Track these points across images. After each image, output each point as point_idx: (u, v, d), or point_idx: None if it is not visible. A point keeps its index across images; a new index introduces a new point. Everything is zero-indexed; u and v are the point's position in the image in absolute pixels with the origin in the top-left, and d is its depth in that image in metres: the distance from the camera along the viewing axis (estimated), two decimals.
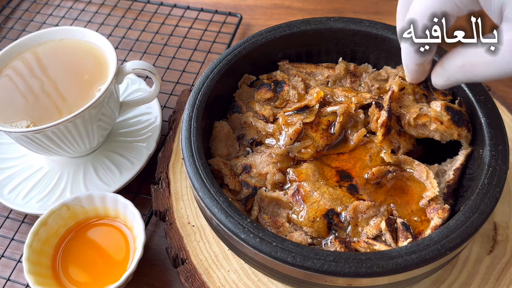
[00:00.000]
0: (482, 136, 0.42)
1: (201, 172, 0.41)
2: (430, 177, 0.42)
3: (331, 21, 0.51)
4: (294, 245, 0.36)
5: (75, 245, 0.52)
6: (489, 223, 0.50)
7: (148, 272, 0.52)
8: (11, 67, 0.57)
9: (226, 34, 0.77)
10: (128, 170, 0.58)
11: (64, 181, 0.58)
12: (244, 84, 0.52)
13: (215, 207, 0.39)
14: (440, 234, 0.37)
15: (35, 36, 0.58)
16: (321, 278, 0.36)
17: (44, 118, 0.52)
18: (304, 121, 0.46)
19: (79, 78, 0.56)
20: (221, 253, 0.49)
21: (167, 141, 0.59)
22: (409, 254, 0.35)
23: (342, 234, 0.42)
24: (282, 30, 0.51)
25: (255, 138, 0.48)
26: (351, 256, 0.35)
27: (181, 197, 0.54)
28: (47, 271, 0.49)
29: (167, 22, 0.80)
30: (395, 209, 0.42)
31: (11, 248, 0.56)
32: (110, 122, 0.57)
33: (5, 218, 0.58)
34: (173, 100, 0.68)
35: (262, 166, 0.45)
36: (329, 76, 0.51)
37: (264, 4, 0.83)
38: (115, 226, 0.53)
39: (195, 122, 0.44)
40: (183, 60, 0.74)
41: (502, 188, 0.39)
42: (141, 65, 0.56)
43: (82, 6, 0.84)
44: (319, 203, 0.42)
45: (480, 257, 0.48)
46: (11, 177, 0.59)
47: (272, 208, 0.44)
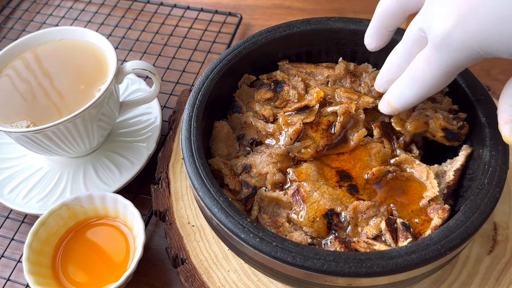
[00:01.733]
0: (482, 136, 0.42)
1: (201, 172, 0.41)
2: (430, 177, 0.42)
3: (331, 21, 0.51)
4: (294, 245, 0.36)
5: (75, 245, 0.52)
6: (489, 223, 0.50)
7: (148, 272, 0.53)
8: (11, 67, 0.57)
9: (226, 34, 0.77)
10: (128, 170, 0.58)
11: (64, 181, 0.58)
12: (244, 84, 0.52)
13: (215, 207, 0.39)
14: (440, 234, 0.37)
15: (35, 36, 0.58)
16: (321, 278, 0.36)
17: (44, 118, 0.52)
18: (304, 121, 0.46)
19: (79, 78, 0.56)
20: (221, 253, 0.49)
21: (167, 141, 0.59)
22: (409, 254, 0.35)
23: (342, 234, 0.42)
24: (282, 30, 0.51)
25: (255, 138, 0.48)
26: (351, 256, 0.35)
27: (181, 197, 0.54)
28: (47, 271, 0.49)
29: (167, 22, 0.80)
30: (395, 209, 0.42)
31: (11, 248, 0.56)
32: (110, 122, 0.57)
33: (5, 218, 0.58)
34: (173, 100, 0.68)
35: (262, 166, 0.45)
36: (329, 76, 0.51)
37: (264, 4, 0.83)
38: (115, 226, 0.53)
39: (195, 122, 0.44)
40: (183, 60, 0.74)
41: (502, 188, 0.39)
42: (141, 65, 0.56)
43: (82, 6, 0.84)
44: (319, 203, 0.42)
45: (480, 257, 0.48)
46: (11, 177, 0.59)
47: (272, 208, 0.44)
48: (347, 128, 0.47)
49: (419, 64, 0.38)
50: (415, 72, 0.38)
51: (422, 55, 0.38)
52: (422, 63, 0.37)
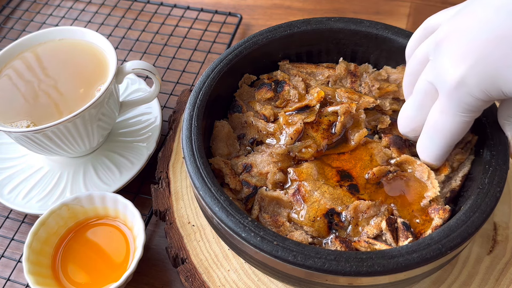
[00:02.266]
0: (482, 136, 0.42)
1: (202, 171, 0.41)
2: (431, 177, 0.42)
3: (332, 21, 0.51)
4: (295, 244, 0.36)
5: (75, 245, 0.52)
6: (489, 223, 0.50)
7: (148, 272, 0.52)
8: (11, 67, 0.57)
9: (226, 34, 0.77)
10: (128, 170, 0.58)
11: (64, 181, 0.58)
12: (244, 84, 0.52)
13: (216, 206, 0.39)
14: (440, 233, 0.37)
15: (35, 36, 0.58)
16: (322, 277, 0.36)
17: (44, 118, 0.52)
18: (304, 120, 0.46)
19: (79, 78, 0.56)
20: (221, 252, 0.49)
21: (167, 141, 0.59)
22: (410, 253, 0.36)
23: (342, 234, 0.42)
24: (282, 30, 0.51)
25: (255, 137, 0.48)
26: (352, 255, 0.35)
27: (181, 197, 0.54)
28: (47, 271, 0.49)
29: (167, 22, 0.80)
30: (395, 209, 0.42)
31: (11, 248, 0.56)
32: (110, 122, 0.57)
33: (5, 218, 0.58)
34: (173, 100, 0.68)
35: (263, 165, 0.45)
36: (330, 76, 0.51)
37: (264, 4, 0.83)
38: (115, 226, 0.53)
39: (196, 122, 0.44)
40: (183, 60, 0.74)
41: (502, 187, 0.39)
42: (141, 65, 0.56)
43: (82, 6, 0.84)
44: (319, 202, 0.42)
45: (480, 257, 0.48)
46: (11, 177, 0.59)
47: (273, 207, 0.44)
48: (347, 128, 0.47)
49: (435, 117, 0.39)
50: (433, 125, 0.39)
51: (435, 108, 0.38)
52: (438, 114, 0.38)
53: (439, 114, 0.38)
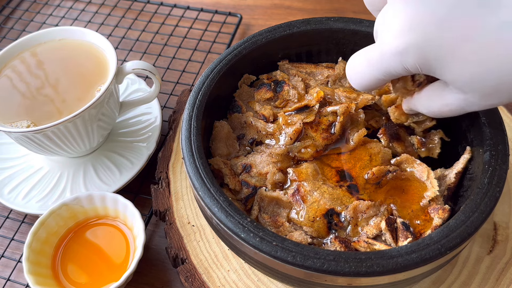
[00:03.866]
0: (482, 136, 0.42)
1: (201, 171, 0.41)
2: (431, 177, 0.42)
3: (331, 21, 0.51)
4: (294, 245, 0.36)
5: (75, 245, 0.52)
6: (489, 223, 0.50)
7: (148, 272, 0.52)
8: (11, 67, 0.57)
9: (226, 34, 0.77)
10: (128, 170, 0.58)
11: (64, 181, 0.58)
12: (244, 84, 0.52)
13: (215, 207, 0.39)
14: (440, 233, 0.37)
15: (35, 36, 0.58)
16: (321, 278, 0.36)
17: (44, 118, 0.52)
18: (304, 121, 0.46)
19: (79, 78, 0.56)
20: (221, 253, 0.49)
21: (167, 141, 0.59)
22: (409, 254, 0.35)
23: (342, 234, 0.42)
24: (282, 30, 0.51)
25: (255, 137, 0.48)
26: (351, 256, 0.35)
27: (181, 197, 0.54)
28: (47, 271, 0.49)
29: (167, 22, 0.80)
30: (395, 209, 0.42)
31: (11, 248, 0.56)
32: (110, 122, 0.57)
33: (5, 218, 0.58)
34: (173, 100, 0.68)
35: (262, 165, 0.45)
36: (329, 76, 0.51)
37: (264, 4, 0.83)
38: (115, 226, 0.53)
39: (195, 122, 0.44)
40: (183, 60, 0.74)
41: (502, 187, 0.39)
42: (141, 65, 0.56)
43: (82, 6, 0.84)
44: (319, 202, 0.42)
45: (480, 257, 0.48)
46: (11, 177, 0.59)
47: (272, 207, 0.44)
48: (347, 128, 0.47)
49: (363, 61, 0.38)
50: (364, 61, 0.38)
51: (367, 51, 0.38)
52: (365, 62, 0.38)
53: (367, 62, 0.37)
